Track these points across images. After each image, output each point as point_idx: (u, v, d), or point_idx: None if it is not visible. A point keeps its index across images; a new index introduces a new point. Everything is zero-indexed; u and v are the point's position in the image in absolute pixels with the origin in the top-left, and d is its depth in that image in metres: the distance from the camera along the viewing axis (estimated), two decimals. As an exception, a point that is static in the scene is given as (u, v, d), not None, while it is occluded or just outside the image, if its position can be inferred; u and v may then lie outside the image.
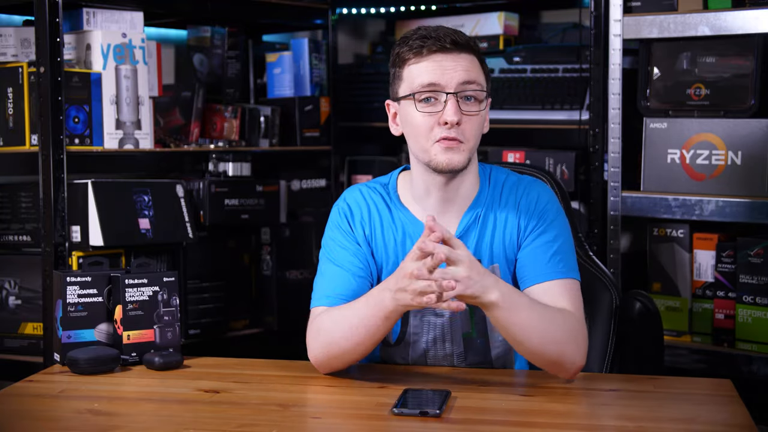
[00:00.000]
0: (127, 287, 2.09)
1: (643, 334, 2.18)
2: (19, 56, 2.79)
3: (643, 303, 2.17)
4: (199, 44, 3.25)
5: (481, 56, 1.99)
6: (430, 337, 2.03)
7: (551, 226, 1.99)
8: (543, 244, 1.97)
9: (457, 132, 1.91)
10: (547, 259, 1.95)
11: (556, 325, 1.86)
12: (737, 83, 2.69)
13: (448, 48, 1.92)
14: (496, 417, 1.73)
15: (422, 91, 1.93)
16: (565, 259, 1.97)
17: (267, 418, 1.72)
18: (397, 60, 1.99)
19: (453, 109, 1.90)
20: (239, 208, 2.98)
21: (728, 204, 2.65)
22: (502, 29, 3.33)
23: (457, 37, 1.94)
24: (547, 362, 1.88)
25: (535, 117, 3.12)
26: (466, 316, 2.01)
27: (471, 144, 1.95)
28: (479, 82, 1.95)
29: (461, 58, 1.93)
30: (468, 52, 1.95)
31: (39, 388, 1.94)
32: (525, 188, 2.03)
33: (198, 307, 2.93)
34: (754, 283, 2.65)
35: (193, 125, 3.06)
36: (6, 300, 2.74)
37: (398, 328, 2.04)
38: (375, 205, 2.06)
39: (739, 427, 1.65)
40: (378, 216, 2.05)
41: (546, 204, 2.01)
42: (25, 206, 2.75)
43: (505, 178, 2.05)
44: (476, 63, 1.96)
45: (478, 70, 1.96)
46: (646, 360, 2.18)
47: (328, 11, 3.39)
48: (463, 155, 1.93)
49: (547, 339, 1.85)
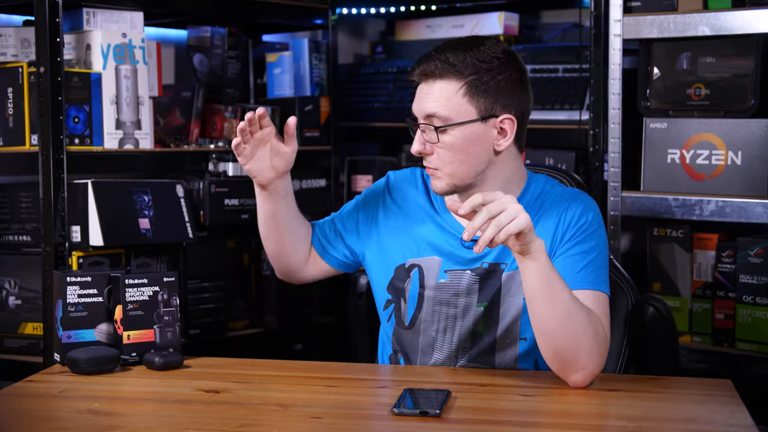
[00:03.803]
0: (127, 287, 2.09)
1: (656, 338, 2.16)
2: (19, 56, 2.79)
3: (656, 308, 2.15)
4: (199, 44, 3.25)
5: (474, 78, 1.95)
6: (441, 326, 2.04)
7: (589, 238, 1.98)
8: (578, 253, 1.96)
9: (429, 161, 1.99)
10: (580, 269, 1.94)
11: (581, 316, 1.83)
12: (737, 83, 2.68)
13: (428, 74, 1.97)
14: (496, 417, 1.73)
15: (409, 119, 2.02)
16: (597, 271, 1.95)
17: (267, 418, 1.72)
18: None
19: (416, 140, 1.98)
20: (239, 208, 2.99)
21: (728, 204, 2.65)
22: (502, 29, 3.33)
23: (436, 64, 1.95)
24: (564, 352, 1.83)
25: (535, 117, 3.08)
26: (479, 316, 2.01)
27: (448, 169, 1.97)
28: (441, 114, 1.94)
29: (434, 87, 1.96)
30: (442, 79, 1.95)
31: (39, 388, 1.94)
32: (568, 202, 2.02)
33: (198, 307, 2.93)
34: (754, 283, 2.65)
35: (193, 125, 3.06)
36: (6, 300, 2.74)
37: (412, 312, 2.06)
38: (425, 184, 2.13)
39: (739, 427, 1.65)
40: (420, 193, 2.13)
41: (590, 218, 2.00)
42: (25, 206, 2.75)
43: (551, 189, 2.06)
44: (451, 90, 1.95)
45: (451, 98, 1.94)
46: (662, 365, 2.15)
47: (328, 11, 3.39)
48: (441, 182, 1.99)
49: (568, 324, 1.81)
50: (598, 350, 1.85)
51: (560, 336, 1.83)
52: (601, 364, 1.86)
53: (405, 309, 2.07)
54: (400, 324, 2.08)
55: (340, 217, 2.22)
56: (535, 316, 1.85)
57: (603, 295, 1.94)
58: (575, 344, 1.82)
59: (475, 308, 2.02)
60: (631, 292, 2.19)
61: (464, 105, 1.95)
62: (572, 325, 1.82)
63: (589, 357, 1.84)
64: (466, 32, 3.39)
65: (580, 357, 1.83)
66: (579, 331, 1.82)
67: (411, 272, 2.07)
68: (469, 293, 2.02)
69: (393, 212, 2.14)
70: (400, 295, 2.09)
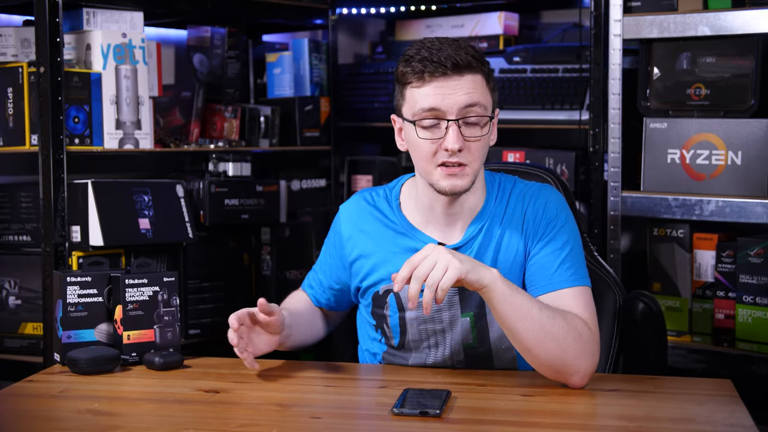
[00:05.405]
0: (127, 287, 2.09)
1: (646, 334, 2.18)
2: (19, 56, 2.78)
3: (647, 304, 2.17)
4: (199, 44, 3.25)
5: (487, 72, 1.93)
6: (431, 342, 2.03)
7: (560, 233, 1.97)
8: (552, 252, 1.95)
9: (460, 157, 1.89)
10: (556, 267, 1.93)
11: (560, 327, 1.83)
12: (737, 83, 2.68)
13: (449, 73, 1.87)
14: (496, 417, 1.73)
15: (423, 117, 1.90)
16: (575, 265, 1.94)
17: (267, 418, 1.72)
18: (399, 78, 1.94)
19: (454, 136, 1.87)
20: (239, 208, 2.98)
21: (728, 204, 2.65)
22: (502, 29, 3.33)
23: (459, 59, 1.87)
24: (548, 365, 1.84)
25: (535, 117, 3.12)
26: (467, 326, 2.00)
27: (475, 166, 1.92)
28: (483, 103, 1.89)
29: (463, 80, 1.88)
30: (471, 72, 1.89)
31: (39, 388, 1.94)
32: (532, 197, 2.00)
33: (198, 307, 2.93)
34: (754, 283, 2.65)
35: (193, 125, 3.06)
36: (6, 300, 2.74)
37: (398, 337, 2.04)
38: (376, 210, 2.07)
39: (739, 427, 1.65)
40: (379, 221, 2.06)
41: (554, 211, 1.99)
42: (25, 206, 2.75)
43: (512, 187, 2.03)
44: (480, 82, 1.90)
45: (483, 90, 1.90)
46: (649, 360, 2.17)
47: (328, 11, 3.39)
48: (466, 179, 1.91)
49: (546, 337, 1.81)
50: (585, 351, 1.84)
51: (541, 350, 1.83)
52: (594, 362, 1.86)
53: (391, 334, 2.06)
54: (389, 345, 2.07)
55: (323, 274, 2.18)
56: (512, 338, 1.86)
57: (584, 289, 1.93)
58: (559, 352, 1.83)
59: (462, 319, 2.00)
60: (618, 288, 2.20)
61: (489, 97, 1.93)
62: (550, 336, 1.82)
63: (577, 360, 1.83)
64: (466, 32, 3.39)
65: (567, 362, 1.83)
66: (558, 339, 1.82)
67: (387, 299, 2.04)
68: (451, 306, 2.00)
69: (358, 245, 2.08)
70: (383, 321, 2.06)
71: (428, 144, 1.90)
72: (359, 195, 2.13)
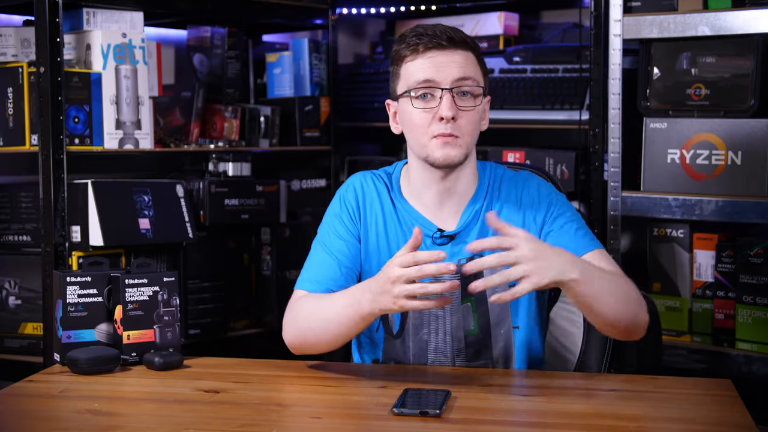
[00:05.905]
0: (127, 287, 2.09)
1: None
2: (19, 56, 2.79)
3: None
4: (199, 44, 3.25)
5: (478, 53, 2.01)
6: (432, 328, 2.03)
7: (563, 209, 2.03)
8: (564, 223, 2.00)
9: (453, 128, 1.94)
10: (573, 235, 1.99)
11: (622, 286, 1.89)
12: (737, 83, 2.68)
13: (444, 45, 1.95)
14: (496, 417, 1.73)
15: (418, 87, 1.96)
16: (588, 233, 2.02)
17: (267, 418, 1.72)
18: (395, 58, 2.01)
19: (448, 104, 1.93)
20: (239, 208, 2.98)
21: (728, 204, 2.65)
22: (502, 29, 3.33)
23: (453, 34, 1.96)
24: (624, 326, 1.89)
25: (535, 117, 3.12)
26: (468, 312, 2.01)
27: (468, 139, 1.97)
28: (475, 78, 1.97)
29: (457, 54, 1.96)
30: (464, 48, 1.97)
31: (39, 388, 1.94)
32: (523, 182, 2.06)
33: (198, 307, 2.93)
34: (754, 283, 2.65)
35: (193, 125, 3.06)
36: (6, 300, 2.74)
37: (399, 321, 2.05)
38: (378, 194, 2.08)
39: (739, 427, 1.65)
40: (380, 204, 2.07)
41: (548, 189, 2.06)
42: (25, 206, 2.75)
43: (503, 174, 2.09)
44: (472, 59, 1.98)
45: (475, 67, 1.98)
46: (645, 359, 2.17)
47: (328, 11, 3.39)
48: (459, 150, 1.96)
49: (621, 302, 1.87)
50: (641, 302, 1.92)
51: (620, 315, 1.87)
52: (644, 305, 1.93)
53: (391, 318, 2.05)
54: (389, 332, 2.07)
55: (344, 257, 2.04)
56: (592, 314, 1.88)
57: (603, 250, 2.00)
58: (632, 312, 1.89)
59: (462, 305, 2.01)
60: None
61: (481, 76, 2.00)
62: (623, 298, 1.88)
63: (642, 312, 1.91)
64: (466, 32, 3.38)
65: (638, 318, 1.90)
66: (628, 299, 1.89)
67: None
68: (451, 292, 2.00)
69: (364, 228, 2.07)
70: None
71: (423, 114, 1.96)
72: (361, 175, 2.12)
